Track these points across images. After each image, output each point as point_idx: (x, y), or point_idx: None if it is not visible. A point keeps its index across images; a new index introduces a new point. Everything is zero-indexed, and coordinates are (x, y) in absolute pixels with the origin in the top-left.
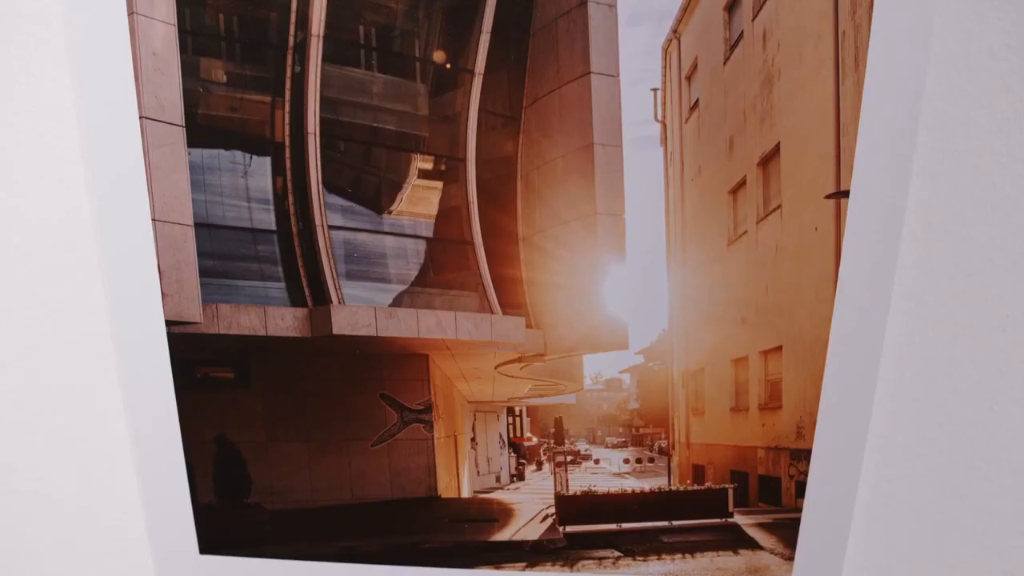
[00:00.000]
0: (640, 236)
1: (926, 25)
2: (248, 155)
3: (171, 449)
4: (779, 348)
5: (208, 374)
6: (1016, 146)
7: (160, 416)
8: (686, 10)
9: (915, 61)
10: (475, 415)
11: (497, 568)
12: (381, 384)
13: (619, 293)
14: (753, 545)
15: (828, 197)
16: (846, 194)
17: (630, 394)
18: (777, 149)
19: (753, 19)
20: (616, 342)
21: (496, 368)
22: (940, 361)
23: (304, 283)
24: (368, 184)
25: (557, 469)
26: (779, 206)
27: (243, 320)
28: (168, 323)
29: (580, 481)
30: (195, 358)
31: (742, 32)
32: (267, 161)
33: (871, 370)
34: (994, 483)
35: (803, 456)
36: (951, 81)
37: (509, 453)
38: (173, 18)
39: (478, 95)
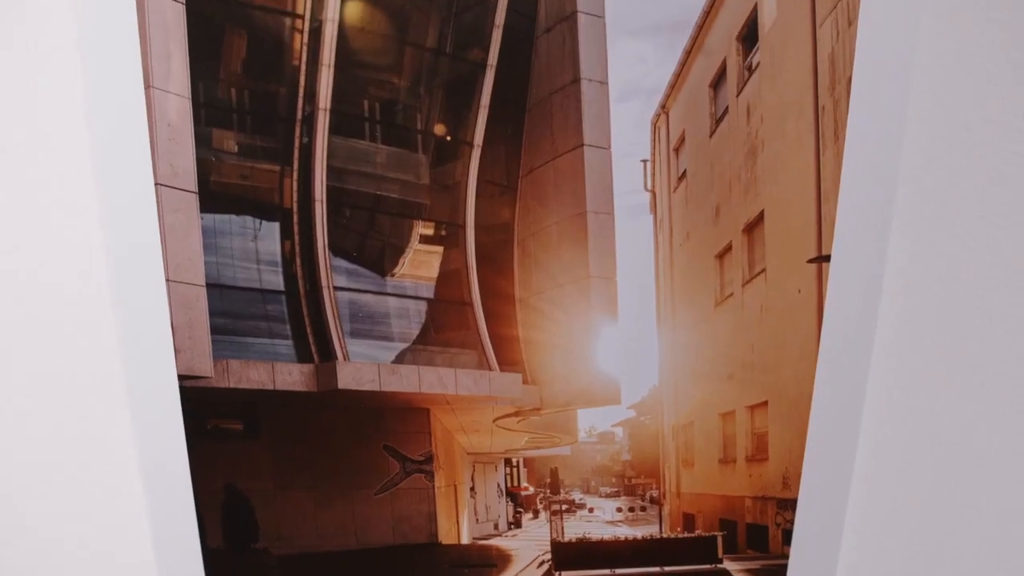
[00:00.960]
0: (631, 298)
1: (902, 99)
2: (258, 220)
3: (182, 496)
4: (765, 403)
5: (219, 426)
6: (990, 211)
7: (172, 465)
8: (674, 87)
9: (892, 133)
10: (474, 466)
11: None
12: (384, 436)
13: (611, 351)
14: None
15: (810, 261)
16: (827, 259)
17: (623, 446)
18: (761, 217)
19: (737, 95)
20: (609, 397)
21: (494, 421)
22: (920, 415)
23: (311, 340)
24: (372, 248)
25: (553, 517)
26: (763, 270)
27: (252, 375)
28: (181, 377)
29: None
30: (206, 410)
31: (727, 107)
32: (276, 226)
33: (853, 424)
34: (977, 535)
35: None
36: (927, 152)
37: (507, 502)
38: (187, 92)
39: (477, 166)
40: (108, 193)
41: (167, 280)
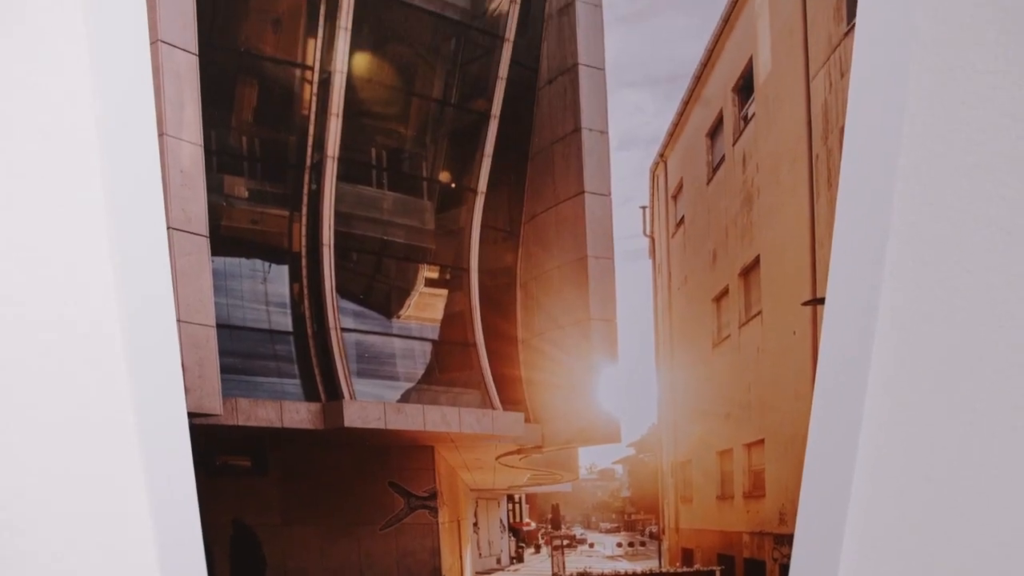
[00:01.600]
0: (631, 339)
1: (894, 148)
2: (267, 263)
3: (191, 530)
4: (762, 441)
5: (227, 462)
6: (978, 255)
7: (181, 500)
8: (672, 136)
9: (884, 180)
10: (477, 502)
11: None
12: (389, 473)
13: (612, 391)
14: None
15: (805, 304)
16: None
17: (622, 483)
18: (757, 261)
19: (733, 144)
20: (609, 435)
21: (497, 459)
22: (914, 454)
23: (318, 380)
24: (378, 291)
25: (554, 552)
26: (760, 312)
27: (261, 413)
28: (191, 415)
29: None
30: (215, 447)
31: (723, 156)
32: (285, 269)
33: (849, 461)
34: (973, 569)
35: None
36: (918, 198)
37: (509, 537)
38: (200, 139)
39: (480, 211)
40: (122, 236)
41: (178, 320)
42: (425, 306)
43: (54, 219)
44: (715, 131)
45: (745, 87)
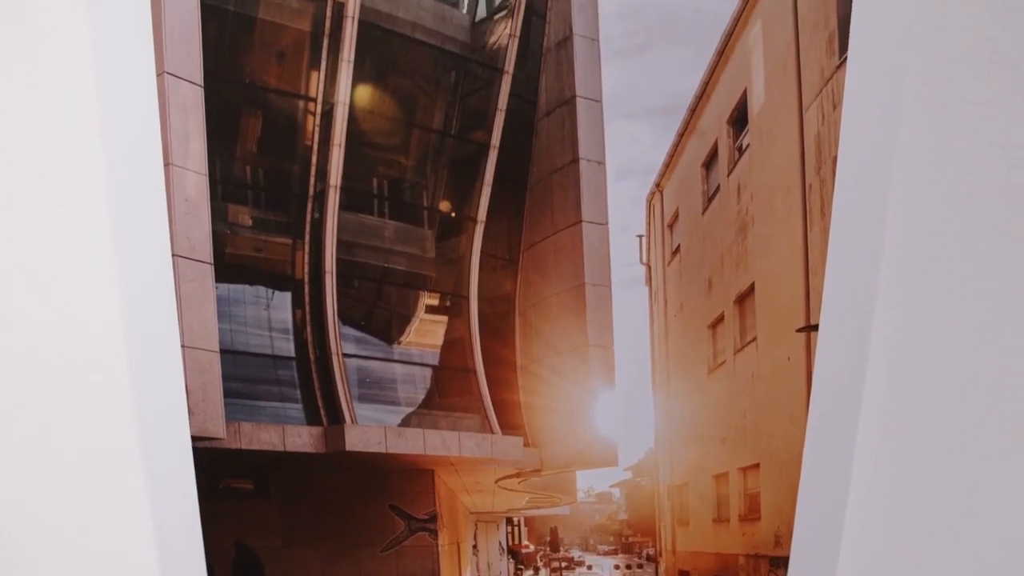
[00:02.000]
0: (628, 365)
1: (886, 177)
2: (270, 290)
3: (193, 553)
4: (757, 465)
5: (230, 485)
6: (971, 283)
7: (184, 522)
8: (668, 166)
9: (876, 209)
10: (476, 524)
11: None
12: (390, 496)
13: (609, 416)
14: None
15: (799, 331)
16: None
17: (620, 506)
18: (752, 288)
19: (728, 174)
20: (607, 459)
21: (496, 482)
22: (909, 475)
23: (320, 404)
24: (380, 317)
25: (552, 574)
26: (754, 339)
27: (263, 437)
28: (194, 438)
29: None
30: (218, 470)
31: (718, 186)
32: (288, 296)
33: (843, 484)
34: None
35: (781, 563)
36: (910, 227)
37: (508, 559)
38: (205, 169)
39: (480, 240)
40: (128, 263)
41: (182, 346)
42: (425, 332)
43: (62, 245)
44: (710, 162)
45: (739, 119)
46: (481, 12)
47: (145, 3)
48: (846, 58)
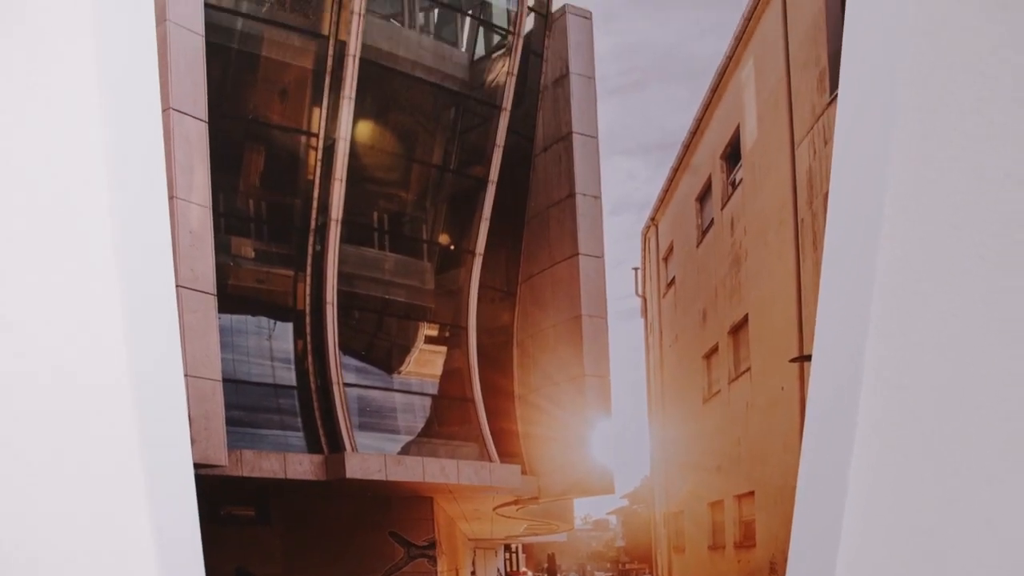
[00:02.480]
0: (624, 395)
1: (876, 208)
2: (272, 321)
3: None
4: (752, 493)
5: (231, 512)
6: (961, 311)
7: (186, 548)
8: (662, 201)
9: (867, 242)
10: (475, 551)
11: None
12: (390, 523)
13: (605, 444)
14: None
15: (793, 361)
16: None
17: (616, 533)
18: (746, 320)
19: (722, 208)
20: (603, 487)
21: (495, 509)
22: (902, 503)
23: (321, 433)
24: (380, 348)
25: None
26: (748, 369)
27: (265, 464)
28: (196, 466)
29: None
30: (220, 498)
31: (712, 220)
32: (289, 326)
33: (837, 511)
34: None
35: None
36: (901, 256)
37: None
38: (208, 202)
39: (478, 272)
40: (132, 294)
41: (185, 375)
42: (425, 362)
43: (68, 275)
44: (704, 196)
45: (733, 154)
46: (480, 51)
47: (151, 41)
48: (836, 95)
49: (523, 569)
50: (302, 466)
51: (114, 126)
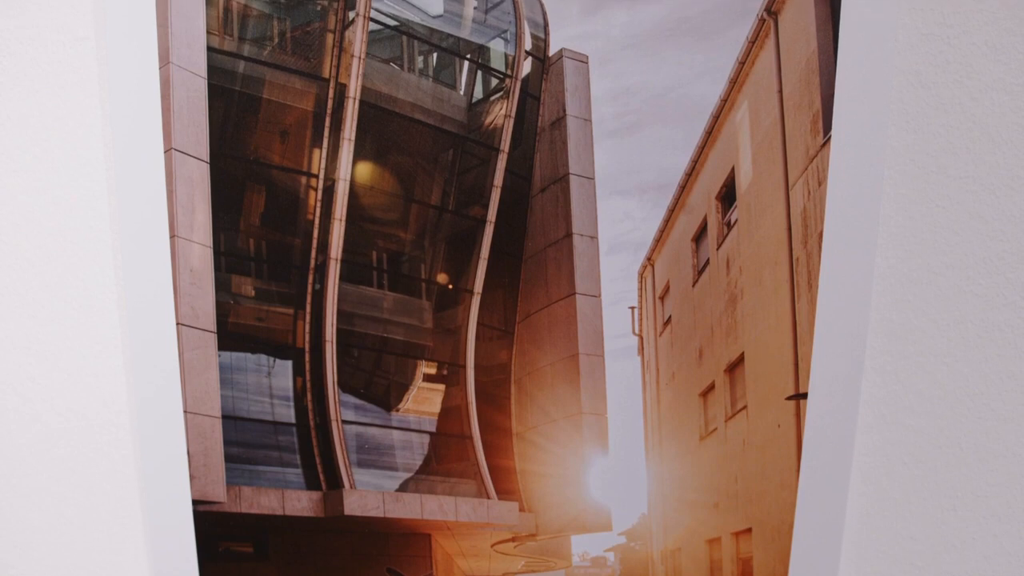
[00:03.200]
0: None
1: (870, 247)
2: (272, 358)
3: None
4: (749, 530)
5: (230, 548)
6: (955, 349)
7: None
8: (658, 241)
9: (861, 280)
10: None
11: None
12: (388, 560)
13: (603, 481)
14: None
15: (789, 399)
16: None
17: (614, 571)
18: (742, 358)
19: (717, 248)
20: (601, 524)
21: (492, 546)
22: (898, 540)
23: (319, 469)
24: (379, 385)
25: None
26: (745, 407)
27: (263, 501)
28: (195, 502)
29: None
30: (218, 533)
31: (708, 259)
32: (289, 364)
33: (834, 549)
34: None
35: None
36: (894, 295)
37: None
38: (209, 241)
39: (476, 311)
40: (134, 331)
41: (185, 411)
42: (423, 400)
43: (71, 313)
44: (700, 236)
45: (728, 195)
46: (478, 94)
47: (155, 82)
48: (830, 137)
49: None
50: (300, 503)
51: (118, 166)
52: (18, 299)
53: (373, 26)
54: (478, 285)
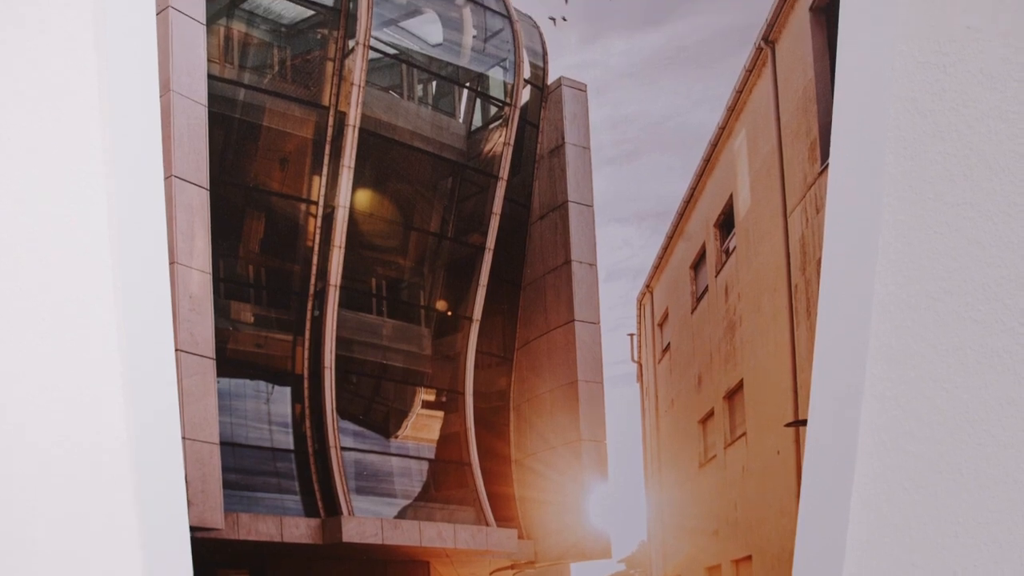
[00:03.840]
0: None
1: (868, 273)
2: (271, 385)
3: None
4: (749, 557)
5: (228, 575)
6: (954, 375)
7: None
8: (657, 268)
9: (860, 306)
10: None
11: None
12: None
13: (602, 508)
14: None
15: (788, 425)
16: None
17: None
18: (741, 385)
19: (716, 275)
20: (600, 551)
21: (491, 573)
22: (900, 567)
23: (318, 496)
24: (377, 412)
25: None
26: (744, 433)
27: (261, 528)
28: (192, 528)
29: None
30: (216, 560)
31: (706, 286)
32: (287, 390)
33: (834, 575)
34: None
35: None
36: (892, 323)
37: None
38: (209, 267)
39: (475, 338)
40: (133, 358)
41: (183, 438)
42: (422, 427)
43: (70, 339)
44: (698, 263)
45: (726, 222)
46: (477, 121)
47: (156, 110)
48: (827, 165)
49: None
50: (299, 529)
51: (118, 192)
52: (17, 324)
53: (373, 54)
54: (477, 312)
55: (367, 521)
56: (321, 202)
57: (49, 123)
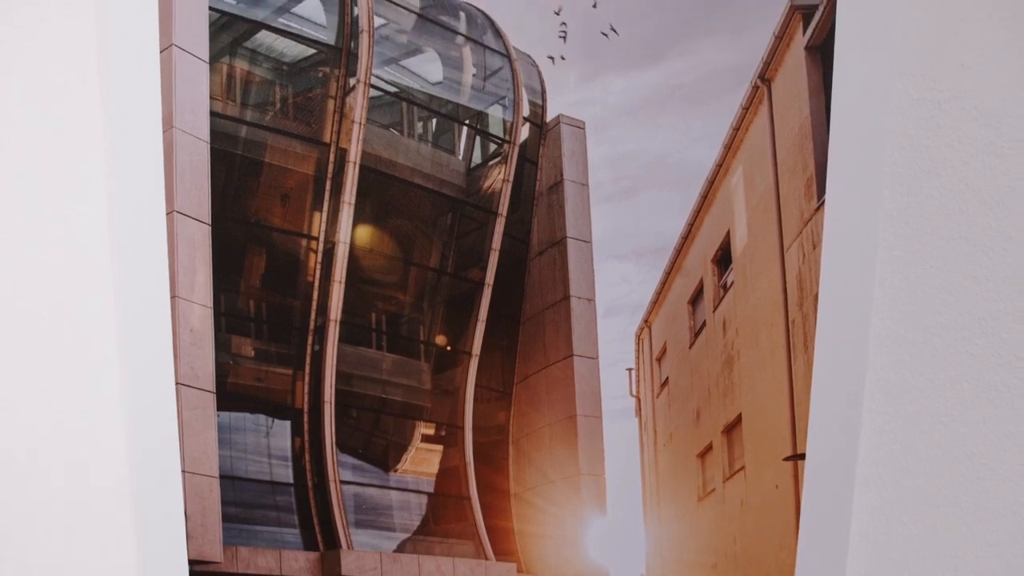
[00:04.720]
0: (619, 493)
1: (865, 308)
2: (271, 419)
3: None
4: None
5: None
6: (951, 410)
7: None
8: (655, 303)
9: (857, 341)
10: None
11: None
12: None
13: (601, 542)
14: None
15: (786, 459)
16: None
17: None
18: (739, 419)
19: (714, 310)
20: None
21: None
22: None
23: (317, 529)
24: (377, 446)
25: None
26: (743, 467)
27: (260, 561)
28: (191, 562)
29: None
30: None
31: (704, 321)
32: (287, 424)
33: None
34: None
35: None
36: (891, 355)
37: None
38: (210, 302)
39: (475, 373)
40: (133, 391)
41: (183, 471)
42: (421, 461)
43: (71, 372)
44: (696, 299)
45: (723, 258)
46: (476, 158)
47: (158, 146)
48: (824, 201)
49: None
50: (298, 563)
51: (120, 227)
52: (17, 356)
53: (373, 92)
54: (476, 347)
55: (366, 555)
56: (322, 238)
57: (52, 158)
